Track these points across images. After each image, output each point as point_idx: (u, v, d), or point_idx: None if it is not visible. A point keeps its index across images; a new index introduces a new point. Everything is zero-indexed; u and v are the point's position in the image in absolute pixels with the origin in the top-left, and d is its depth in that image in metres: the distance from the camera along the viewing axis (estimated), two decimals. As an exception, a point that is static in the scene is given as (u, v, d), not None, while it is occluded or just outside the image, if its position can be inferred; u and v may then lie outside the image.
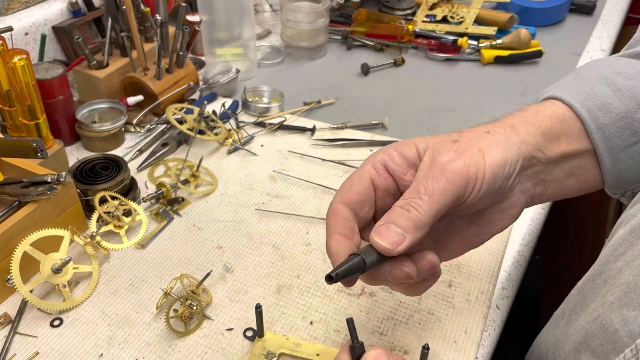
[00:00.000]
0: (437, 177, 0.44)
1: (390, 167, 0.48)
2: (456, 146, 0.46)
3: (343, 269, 0.43)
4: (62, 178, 0.68)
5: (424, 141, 0.48)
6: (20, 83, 0.76)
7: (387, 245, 0.43)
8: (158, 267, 0.71)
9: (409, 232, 0.43)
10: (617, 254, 0.45)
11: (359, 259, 0.43)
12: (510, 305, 0.69)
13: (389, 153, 0.48)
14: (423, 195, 0.43)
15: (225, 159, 0.90)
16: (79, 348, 0.62)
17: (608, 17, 1.37)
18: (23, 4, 1.03)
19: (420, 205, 0.43)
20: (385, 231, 0.43)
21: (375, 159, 0.49)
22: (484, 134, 0.47)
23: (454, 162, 0.44)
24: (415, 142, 0.48)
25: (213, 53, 1.10)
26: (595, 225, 1.27)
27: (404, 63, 1.19)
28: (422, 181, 0.44)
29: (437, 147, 0.46)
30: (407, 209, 0.43)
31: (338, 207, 0.48)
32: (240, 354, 0.61)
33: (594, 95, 0.49)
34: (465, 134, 0.47)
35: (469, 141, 0.46)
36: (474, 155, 0.45)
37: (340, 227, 0.47)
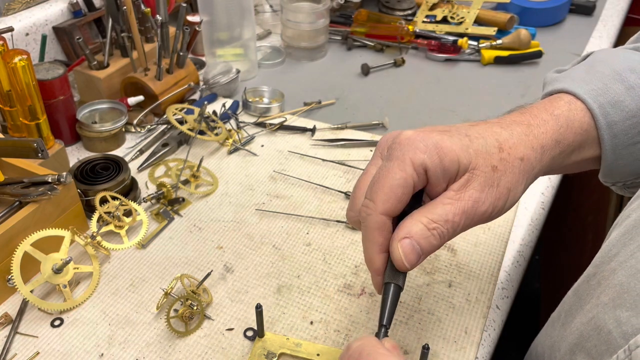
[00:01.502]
0: (467, 213, 0.45)
1: (429, 173, 0.45)
2: (493, 178, 0.45)
3: (388, 311, 0.45)
4: (62, 178, 0.68)
5: (467, 156, 0.45)
6: (20, 83, 0.76)
7: (407, 263, 0.44)
8: (158, 267, 0.71)
9: (425, 254, 0.45)
10: (611, 255, 0.45)
11: (396, 288, 0.45)
12: (510, 305, 0.69)
13: (432, 157, 0.45)
14: (449, 226, 0.44)
15: (225, 159, 0.90)
16: (79, 348, 0.62)
17: (608, 17, 1.38)
18: (23, 4, 1.03)
19: (444, 234, 0.44)
20: (409, 248, 0.44)
21: (416, 160, 0.45)
22: (519, 162, 0.47)
23: (484, 204, 0.45)
24: (458, 154, 0.45)
25: (213, 53, 1.10)
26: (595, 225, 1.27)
27: (404, 63, 1.19)
28: (455, 211, 0.44)
29: (477, 174, 0.45)
30: (433, 233, 0.44)
31: (382, 220, 0.45)
32: (240, 354, 0.61)
33: (607, 91, 0.49)
34: (504, 159, 0.46)
35: (503, 172, 0.46)
36: (502, 195, 0.46)
37: (385, 243, 0.46)
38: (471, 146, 0.46)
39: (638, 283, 0.39)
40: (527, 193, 0.83)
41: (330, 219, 0.78)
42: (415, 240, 0.44)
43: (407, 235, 0.44)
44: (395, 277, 0.45)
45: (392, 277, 0.45)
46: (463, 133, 0.47)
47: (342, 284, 0.69)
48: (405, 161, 0.45)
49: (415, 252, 0.44)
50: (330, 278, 0.70)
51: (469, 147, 0.46)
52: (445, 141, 0.45)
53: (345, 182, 0.85)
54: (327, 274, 0.71)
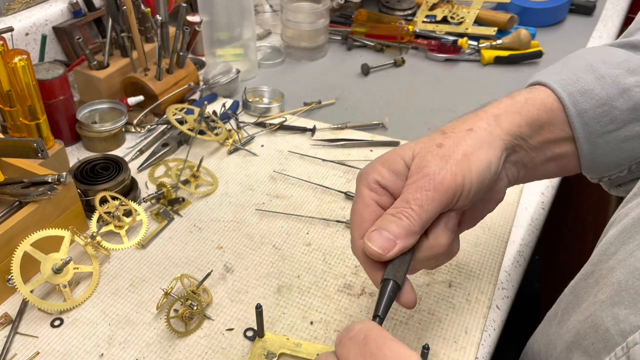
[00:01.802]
0: (425, 187, 0.45)
1: (383, 184, 0.49)
2: (441, 152, 0.46)
3: (384, 304, 0.44)
4: (62, 178, 0.68)
5: (409, 149, 0.48)
6: (20, 83, 0.76)
7: (378, 249, 0.44)
8: (158, 267, 0.71)
9: (400, 238, 0.44)
10: (609, 253, 0.45)
11: (394, 285, 0.45)
12: (510, 305, 0.69)
13: (378, 170, 0.49)
14: (413, 205, 0.45)
15: (225, 159, 0.90)
16: (79, 348, 0.62)
17: (608, 17, 1.38)
18: (23, 4, 1.03)
19: (411, 214, 0.45)
20: (376, 236, 0.45)
21: (367, 180, 0.49)
22: (467, 133, 0.48)
23: (440, 172, 0.45)
24: (400, 153, 0.48)
25: (213, 53, 1.10)
26: (595, 225, 1.27)
27: (404, 63, 1.19)
28: (412, 191, 0.45)
29: (422, 154, 0.47)
30: (399, 216, 0.45)
31: (361, 244, 0.47)
32: (240, 354, 0.61)
33: (577, 80, 0.50)
34: (448, 135, 0.48)
35: (453, 144, 0.47)
36: (459, 162, 0.46)
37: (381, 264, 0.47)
38: (414, 144, 0.49)
39: (636, 281, 0.40)
40: (527, 193, 0.83)
41: (330, 219, 0.78)
42: (381, 227, 0.45)
43: (375, 227, 0.46)
44: (394, 275, 0.45)
45: (392, 274, 0.45)
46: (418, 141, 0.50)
47: (342, 284, 0.69)
48: (360, 188, 0.50)
49: (383, 237, 0.44)
50: (330, 278, 0.70)
51: (413, 146, 0.49)
52: (389, 153, 0.49)
53: (345, 182, 0.85)
54: (327, 274, 0.71)
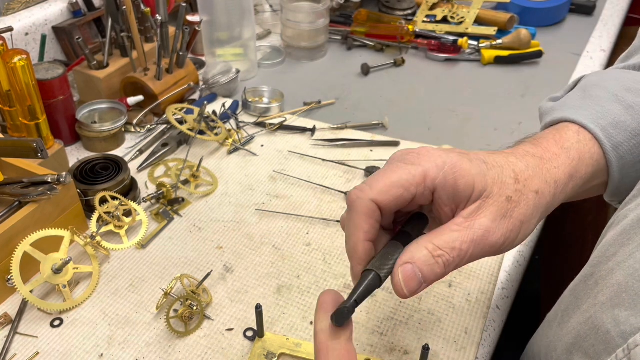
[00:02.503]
0: (476, 243, 0.42)
1: (438, 191, 0.43)
2: (507, 207, 0.43)
3: (361, 290, 0.41)
4: (62, 178, 0.68)
5: (482, 182, 0.43)
6: (20, 83, 0.76)
7: (407, 292, 0.42)
8: (158, 267, 0.71)
9: (427, 281, 0.42)
10: (608, 255, 0.45)
11: (374, 276, 0.42)
12: (510, 305, 0.69)
13: (447, 175, 0.43)
14: (457, 254, 0.42)
15: (225, 159, 0.90)
16: (79, 348, 0.62)
17: (608, 17, 1.37)
18: (23, 4, 1.03)
19: (450, 263, 0.42)
20: (411, 276, 0.41)
21: (430, 173, 0.43)
22: (534, 196, 0.45)
23: (496, 232, 0.43)
24: (474, 179, 0.43)
25: (213, 53, 1.10)
26: (595, 225, 1.27)
27: (404, 63, 1.19)
28: (464, 240, 0.42)
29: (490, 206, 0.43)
30: (438, 261, 0.41)
31: (372, 206, 0.43)
32: (240, 354, 0.61)
33: (606, 113, 0.49)
34: (519, 190, 0.44)
35: (516, 205, 0.44)
36: (514, 228, 0.43)
37: (371, 231, 0.44)
38: (488, 174, 0.44)
39: (637, 283, 0.39)
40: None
41: (330, 219, 0.78)
42: (417, 267, 0.41)
43: (410, 260, 0.41)
44: (379, 267, 0.42)
45: (376, 266, 0.42)
46: (481, 159, 0.45)
47: (342, 284, 0.69)
48: (417, 168, 0.43)
49: (416, 279, 0.41)
50: (330, 278, 0.70)
51: (486, 175, 0.44)
52: (464, 163, 0.43)
53: (345, 182, 0.85)
54: (327, 274, 0.70)
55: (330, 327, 0.41)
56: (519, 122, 1.00)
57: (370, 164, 0.87)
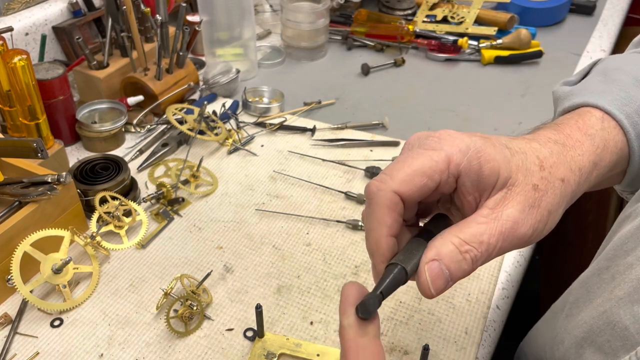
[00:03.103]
0: (504, 235, 0.39)
1: (462, 178, 0.40)
2: (535, 197, 0.41)
3: (387, 283, 0.38)
4: (62, 178, 0.68)
5: (507, 169, 0.40)
6: (20, 83, 0.76)
7: (434, 291, 0.39)
8: (158, 267, 0.71)
9: (454, 279, 0.39)
10: (627, 249, 0.43)
11: (400, 269, 0.39)
12: (510, 305, 0.69)
13: (471, 160, 0.40)
14: (485, 248, 0.39)
15: (225, 159, 0.90)
16: (79, 348, 0.62)
17: (608, 17, 1.37)
18: (23, 3, 1.03)
19: (479, 259, 0.39)
20: (438, 275, 0.38)
21: (453, 158, 0.40)
22: (560, 184, 0.42)
23: (525, 223, 0.40)
24: (499, 165, 0.40)
25: (213, 53, 1.10)
26: (595, 224, 1.27)
27: (404, 63, 1.19)
28: (492, 233, 0.39)
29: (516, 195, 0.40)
30: (466, 257, 0.39)
31: (395, 198, 0.40)
32: (240, 354, 0.61)
33: (631, 99, 0.47)
34: (545, 178, 0.41)
35: (543, 194, 0.41)
36: (542, 218, 0.41)
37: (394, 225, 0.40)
38: (512, 160, 0.41)
39: None
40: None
41: (330, 219, 0.78)
42: (444, 264, 0.38)
43: (437, 257, 0.39)
44: (404, 262, 0.39)
45: (401, 260, 0.39)
46: (503, 144, 0.42)
47: (342, 284, 0.69)
48: (440, 154, 0.40)
49: (443, 278, 0.38)
50: (330, 278, 0.70)
51: (510, 161, 0.41)
52: (488, 148, 0.40)
53: (345, 182, 0.85)
54: (327, 274, 0.70)
55: (358, 322, 0.38)
56: (519, 122, 1.00)
57: (370, 164, 0.87)
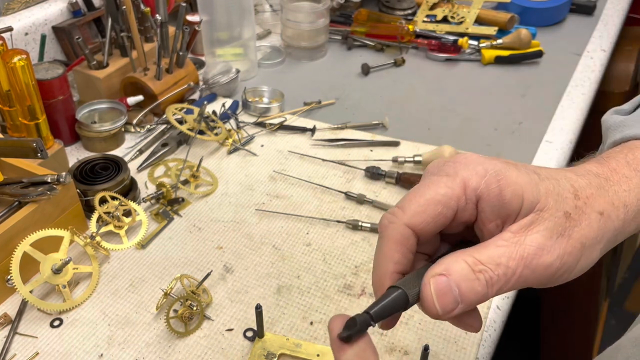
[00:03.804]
0: (528, 266, 0.36)
1: (481, 203, 0.37)
2: (567, 230, 0.37)
3: (378, 307, 0.35)
4: (61, 178, 0.68)
5: (534, 193, 0.37)
6: (19, 83, 0.76)
7: (440, 309, 0.35)
8: (158, 267, 0.71)
9: (465, 302, 0.35)
10: None
11: (400, 293, 0.35)
12: (511, 305, 0.69)
13: (489, 184, 0.37)
14: (503, 271, 0.35)
15: (225, 159, 0.90)
16: (78, 348, 0.62)
17: (608, 17, 1.37)
18: (23, 3, 1.03)
19: (495, 282, 0.35)
20: (445, 291, 0.35)
21: (470, 182, 0.37)
22: (598, 216, 0.38)
23: (550, 252, 0.36)
24: (523, 189, 0.37)
25: (213, 53, 1.10)
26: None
27: (404, 63, 1.18)
28: (512, 256, 0.35)
29: (544, 220, 0.36)
30: (479, 277, 0.35)
31: (406, 232, 0.37)
32: (240, 354, 0.61)
33: None
34: (579, 207, 0.38)
35: (580, 224, 0.37)
36: (573, 250, 0.37)
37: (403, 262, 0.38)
38: (540, 184, 0.37)
39: None
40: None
41: (330, 219, 0.78)
42: (454, 281, 0.35)
43: (445, 272, 0.35)
44: (406, 285, 0.36)
45: (403, 284, 0.36)
46: (530, 169, 0.39)
47: (342, 285, 0.69)
48: (455, 179, 0.37)
49: (451, 296, 0.35)
50: (330, 278, 0.70)
51: (538, 184, 0.37)
52: (510, 171, 0.37)
53: (345, 182, 0.85)
54: (327, 274, 0.70)
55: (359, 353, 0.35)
56: (519, 122, 1.00)
57: (370, 164, 0.87)
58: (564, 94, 1.07)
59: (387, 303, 0.35)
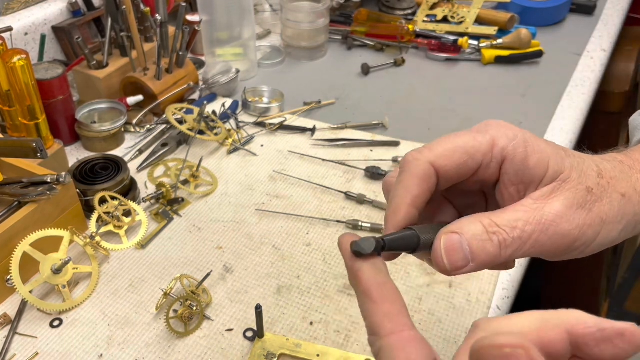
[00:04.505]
0: (545, 232, 0.36)
1: (505, 165, 0.37)
2: (588, 203, 0.37)
3: (393, 238, 0.35)
4: (61, 178, 0.68)
5: (559, 163, 0.37)
6: (19, 83, 0.76)
7: (448, 265, 0.35)
8: (158, 267, 0.71)
9: (476, 260, 0.35)
10: None
11: (412, 233, 0.36)
12: (511, 305, 0.69)
13: (517, 147, 0.37)
14: (518, 235, 0.35)
15: (225, 159, 0.90)
16: (78, 348, 0.62)
17: (608, 17, 1.37)
18: (22, 3, 1.03)
19: (508, 245, 0.35)
20: (456, 247, 0.35)
21: (499, 140, 0.37)
22: (620, 197, 0.39)
23: (570, 221, 0.36)
24: (549, 157, 0.37)
25: (213, 53, 1.10)
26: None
27: (404, 63, 1.18)
28: (530, 220, 0.36)
29: (565, 191, 0.37)
30: (492, 238, 0.35)
31: (429, 170, 0.37)
32: (240, 355, 0.61)
33: None
34: (602, 185, 0.38)
35: (601, 200, 0.38)
36: (593, 223, 0.37)
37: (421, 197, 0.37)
38: (566, 159, 0.38)
39: None
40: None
41: (330, 219, 0.78)
42: (465, 240, 0.35)
43: (458, 230, 0.35)
44: (420, 230, 0.36)
45: (416, 228, 0.36)
46: (559, 146, 0.39)
47: (342, 285, 0.69)
48: (485, 136, 0.37)
49: (461, 252, 0.35)
50: (331, 278, 0.70)
51: (564, 158, 0.38)
52: (539, 140, 0.38)
53: (345, 182, 0.85)
54: (327, 274, 0.70)
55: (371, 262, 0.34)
56: (519, 122, 1.00)
57: (371, 164, 0.87)
58: (564, 94, 1.07)
59: (400, 236, 0.36)
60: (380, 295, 0.33)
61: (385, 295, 0.33)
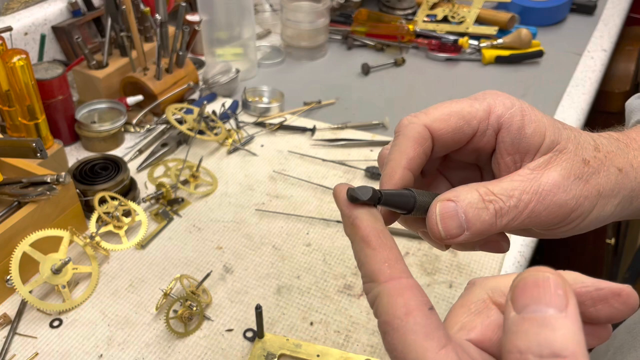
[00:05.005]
0: (542, 202, 0.36)
1: (501, 133, 0.37)
2: (585, 174, 0.37)
3: (390, 192, 0.34)
4: (61, 178, 0.68)
5: (555, 134, 0.37)
6: (19, 83, 0.75)
7: (442, 231, 0.35)
8: (157, 267, 0.71)
9: (471, 229, 0.35)
10: None
11: (410, 194, 0.35)
12: (511, 305, 0.68)
13: (513, 116, 0.37)
14: (514, 203, 0.35)
15: (225, 159, 0.90)
16: (78, 348, 0.62)
17: (609, 17, 1.37)
18: (22, 3, 1.03)
19: (504, 213, 0.35)
20: (451, 215, 0.35)
21: (495, 108, 0.37)
22: (616, 171, 0.39)
23: (566, 191, 0.36)
24: (546, 127, 0.37)
25: (213, 53, 1.10)
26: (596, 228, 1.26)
27: (404, 63, 1.18)
28: (526, 189, 0.35)
29: (562, 161, 0.37)
30: (488, 206, 0.35)
31: (425, 133, 0.37)
32: (240, 355, 0.61)
33: None
34: (599, 158, 0.38)
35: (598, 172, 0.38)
36: (589, 195, 0.37)
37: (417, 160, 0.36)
38: (562, 130, 0.38)
39: None
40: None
41: (330, 219, 0.78)
42: (461, 207, 0.35)
43: (454, 198, 0.35)
44: (419, 194, 0.35)
45: (416, 191, 0.36)
46: (556, 120, 0.39)
47: (342, 285, 0.69)
48: (482, 103, 0.37)
49: (456, 220, 0.34)
50: (330, 278, 0.70)
51: (560, 129, 0.37)
52: (536, 111, 0.37)
53: (345, 182, 0.85)
54: (327, 274, 0.70)
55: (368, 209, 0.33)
56: (519, 122, 1.00)
57: (370, 164, 0.87)
58: (564, 93, 1.07)
59: (397, 193, 0.35)
60: (378, 241, 0.31)
61: (383, 242, 0.32)
